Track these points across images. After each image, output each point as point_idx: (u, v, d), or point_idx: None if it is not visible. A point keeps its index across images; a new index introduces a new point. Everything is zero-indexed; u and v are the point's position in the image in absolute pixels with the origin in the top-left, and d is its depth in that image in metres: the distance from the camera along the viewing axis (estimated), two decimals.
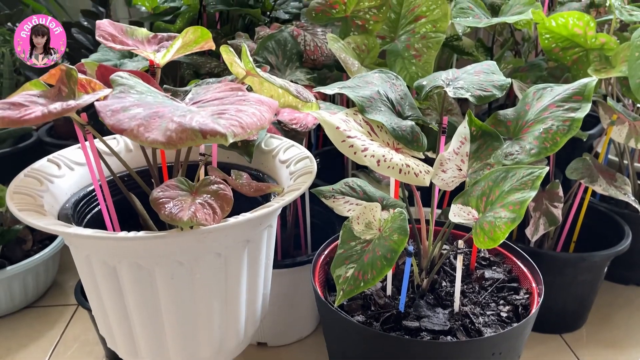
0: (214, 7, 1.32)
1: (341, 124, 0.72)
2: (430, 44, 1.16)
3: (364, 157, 0.69)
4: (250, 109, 0.60)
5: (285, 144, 0.87)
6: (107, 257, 0.66)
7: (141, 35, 0.86)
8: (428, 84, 0.81)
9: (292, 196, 0.69)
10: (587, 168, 1.04)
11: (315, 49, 1.22)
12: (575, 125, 0.71)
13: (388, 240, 0.66)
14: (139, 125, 0.55)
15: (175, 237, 0.61)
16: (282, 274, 1.03)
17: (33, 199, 0.70)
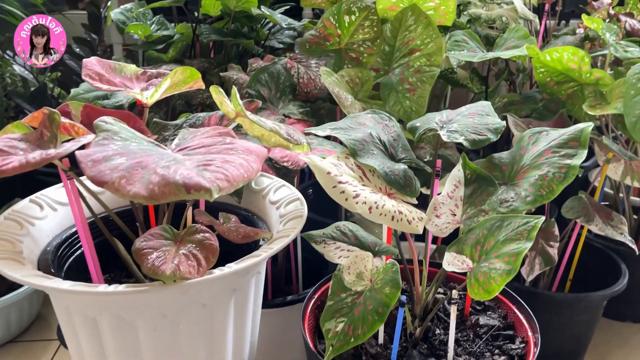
0: (208, 37, 1.31)
1: (332, 168, 0.70)
2: (424, 78, 1.15)
3: (356, 204, 0.67)
4: (237, 159, 0.58)
5: (276, 184, 0.85)
6: (87, 309, 0.63)
7: (130, 72, 0.84)
8: (421, 125, 0.80)
9: (281, 244, 0.67)
10: (583, 207, 1.02)
11: (309, 82, 1.21)
12: (571, 173, 0.70)
13: (380, 293, 0.64)
14: (120, 177, 0.53)
15: (158, 291, 0.59)
16: (271, 314, 1.00)
17: (12, 245, 0.68)
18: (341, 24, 1.20)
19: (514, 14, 1.40)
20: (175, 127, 0.99)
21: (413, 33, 1.17)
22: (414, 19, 1.17)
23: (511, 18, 1.39)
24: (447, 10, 1.22)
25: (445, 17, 1.24)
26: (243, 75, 1.20)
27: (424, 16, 1.16)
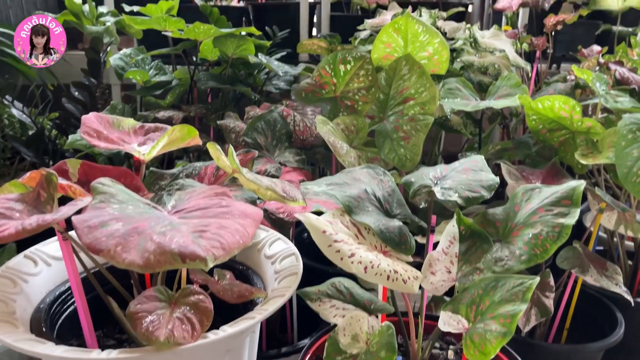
0: (205, 84, 1.33)
1: (327, 227, 0.70)
2: (418, 127, 1.17)
3: (351, 264, 0.67)
4: (233, 224, 0.58)
5: (272, 237, 0.85)
6: None
7: (128, 126, 0.85)
8: (416, 181, 0.81)
9: (276, 305, 0.66)
10: (578, 257, 1.02)
11: (305, 130, 1.23)
12: (565, 232, 0.70)
13: (375, 357, 0.64)
14: (116, 244, 0.53)
15: (151, 357, 0.58)
16: None
17: (5, 305, 0.67)
18: (337, 73, 1.22)
19: (506, 62, 1.43)
20: (171, 176, 0.99)
21: (407, 82, 1.19)
22: (408, 68, 1.19)
23: (503, 65, 1.42)
24: (441, 60, 1.25)
25: (439, 66, 1.26)
26: (240, 123, 1.21)
27: (418, 66, 1.19)
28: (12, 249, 1.17)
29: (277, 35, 1.64)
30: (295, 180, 1.05)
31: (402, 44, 1.23)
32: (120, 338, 0.79)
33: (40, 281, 0.76)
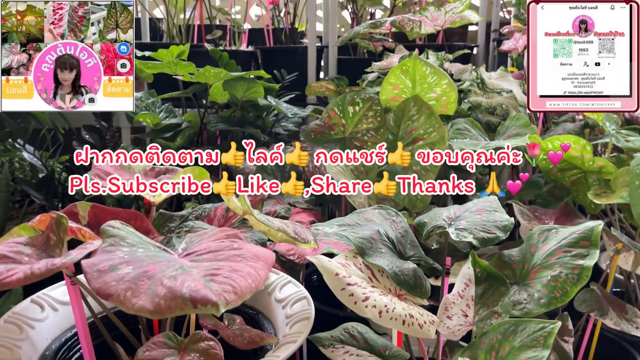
0: (215, 126, 1.34)
1: (340, 270, 0.69)
2: (428, 167, 1.16)
3: (365, 308, 0.65)
4: (245, 267, 0.57)
5: (282, 280, 0.83)
6: None
7: (138, 169, 0.85)
8: (429, 222, 0.79)
9: (288, 352, 0.64)
10: (596, 300, 0.99)
11: (314, 170, 1.22)
12: (585, 274, 0.69)
13: None
14: (126, 289, 0.52)
15: None
16: None
17: (10, 352, 0.65)
18: (345, 114, 1.23)
19: (514, 102, 1.44)
20: (180, 218, 0.98)
21: (416, 123, 1.20)
22: (416, 109, 1.20)
23: (511, 106, 1.43)
24: (449, 101, 1.26)
25: (447, 106, 1.27)
26: (249, 164, 1.21)
27: (426, 107, 1.19)
28: (18, 293, 1.15)
29: (286, 79, 1.66)
30: (306, 222, 1.04)
31: (410, 85, 1.24)
32: None
33: (47, 327, 0.74)
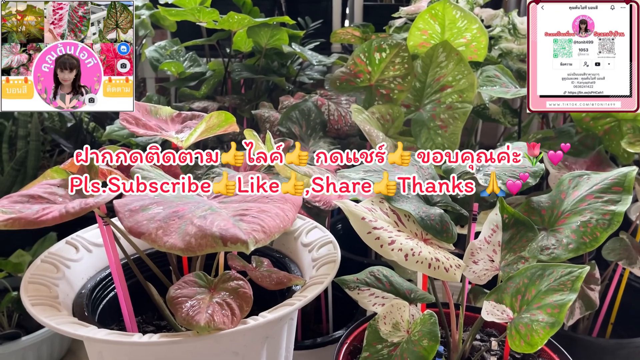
0: (239, 75, 1.33)
1: (367, 214, 0.69)
2: (456, 115, 1.14)
3: (391, 251, 0.65)
4: (273, 208, 0.57)
5: (308, 225, 0.84)
6: (120, 356, 0.63)
7: (165, 114, 0.85)
8: (457, 168, 0.78)
9: (315, 292, 0.66)
10: (625, 249, 0.98)
11: (339, 119, 1.21)
12: (616, 220, 0.67)
13: (417, 346, 0.62)
14: (157, 228, 0.53)
15: (192, 341, 0.58)
16: (302, 356, 0.98)
17: (48, 290, 0.68)
18: (372, 61, 1.20)
19: None
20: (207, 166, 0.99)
21: (444, 69, 1.17)
22: (445, 56, 1.17)
23: None
24: (479, 47, 1.22)
25: (477, 53, 1.23)
26: (274, 112, 1.20)
27: (456, 53, 1.16)
28: (52, 238, 1.19)
29: (310, 26, 1.62)
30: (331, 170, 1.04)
31: (439, 30, 1.20)
32: (159, 325, 0.80)
33: (82, 267, 0.77)
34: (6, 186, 1.25)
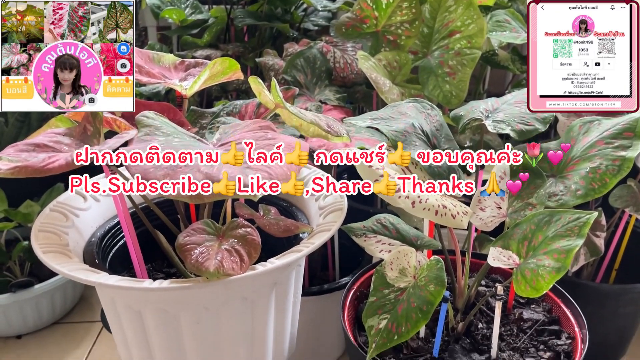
0: (242, 21, 1.30)
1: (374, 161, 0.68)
2: (465, 61, 1.12)
3: (398, 199, 0.65)
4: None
5: (314, 174, 0.84)
6: (131, 302, 0.64)
7: (168, 62, 0.83)
8: (466, 115, 0.77)
9: (322, 239, 0.66)
10: (632, 196, 0.98)
11: (345, 67, 1.19)
12: (626, 166, 0.67)
13: (424, 291, 0.63)
14: (164, 175, 0.53)
15: (201, 287, 0.59)
16: (309, 301, 1.00)
17: (58, 238, 0.69)
18: (378, 6, 1.17)
19: None
20: (212, 115, 0.98)
21: (453, 14, 1.13)
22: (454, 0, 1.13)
23: None
24: None
25: None
26: (278, 60, 1.18)
27: None
28: (60, 188, 1.20)
29: None
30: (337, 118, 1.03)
31: None
32: (169, 272, 0.81)
33: (90, 216, 0.77)
34: (11, 137, 1.25)
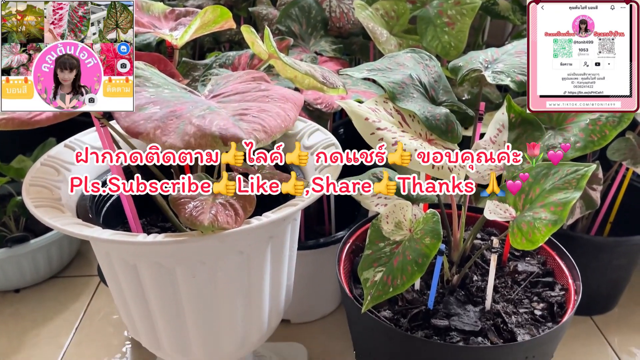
0: None
1: (370, 114, 0.67)
2: (464, 11, 1.08)
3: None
4: (274, 107, 0.55)
5: (310, 128, 0.82)
6: (126, 256, 0.64)
7: (158, 11, 0.81)
8: (464, 66, 0.75)
9: (318, 194, 0.65)
10: (631, 149, 0.97)
11: (342, 16, 1.15)
12: (626, 117, 0.66)
13: (419, 244, 0.63)
14: (155, 127, 0.52)
15: (196, 241, 0.58)
16: (305, 255, 1.00)
17: (50, 192, 0.68)
18: None
19: None
20: (204, 66, 0.96)
21: None
22: None
23: None
24: None
25: None
26: (272, 10, 1.14)
27: None
28: (52, 143, 1.18)
29: None
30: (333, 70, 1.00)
31: None
32: (164, 226, 0.81)
33: (83, 170, 0.76)
34: None
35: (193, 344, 0.71)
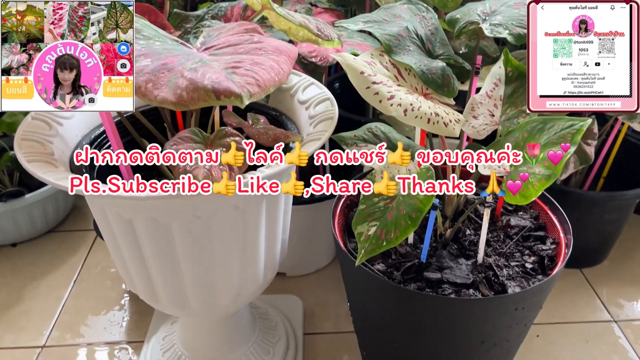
0: None
1: (366, 68, 0.66)
2: None
3: (390, 107, 0.64)
4: (267, 60, 0.54)
5: (305, 82, 0.81)
6: (122, 211, 0.64)
7: None
8: (462, 18, 0.74)
9: (313, 148, 0.65)
10: None
11: None
12: None
13: (413, 199, 0.63)
14: (146, 81, 0.51)
15: (190, 196, 0.58)
16: (300, 210, 1.01)
17: (42, 146, 0.67)
18: None
19: None
20: (196, 18, 0.94)
21: None
22: None
23: None
24: None
25: None
26: None
27: None
28: None
29: None
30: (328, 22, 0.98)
31: None
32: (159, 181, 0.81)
33: (75, 124, 0.75)
34: None
35: (190, 296, 0.72)
